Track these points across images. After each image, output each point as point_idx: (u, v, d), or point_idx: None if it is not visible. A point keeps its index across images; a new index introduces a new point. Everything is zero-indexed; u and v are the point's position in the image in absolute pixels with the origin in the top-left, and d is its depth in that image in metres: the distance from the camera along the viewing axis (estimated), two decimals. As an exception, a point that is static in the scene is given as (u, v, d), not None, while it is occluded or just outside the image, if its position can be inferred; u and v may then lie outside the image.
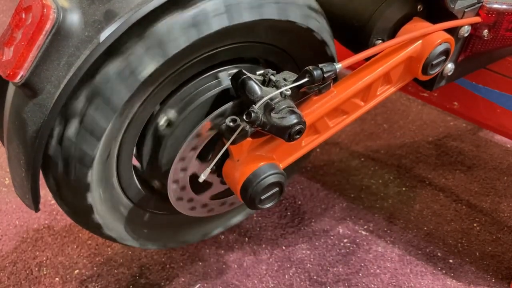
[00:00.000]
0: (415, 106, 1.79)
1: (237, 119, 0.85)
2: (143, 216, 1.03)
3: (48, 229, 1.33)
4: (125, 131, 0.89)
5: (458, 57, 1.07)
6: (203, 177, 0.90)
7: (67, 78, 0.75)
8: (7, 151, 0.85)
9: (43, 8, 0.74)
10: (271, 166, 0.92)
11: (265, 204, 0.94)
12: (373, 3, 0.99)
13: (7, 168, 0.90)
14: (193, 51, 0.84)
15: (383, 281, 1.23)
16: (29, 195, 0.83)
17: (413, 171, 1.53)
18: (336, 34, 1.03)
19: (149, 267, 1.25)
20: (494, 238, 1.35)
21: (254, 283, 1.22)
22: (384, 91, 1.02)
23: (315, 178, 1.50)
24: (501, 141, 1.64)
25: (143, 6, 0.74)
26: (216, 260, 1.27)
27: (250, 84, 0.85)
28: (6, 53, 0.76)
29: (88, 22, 0.76)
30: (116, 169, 0.94)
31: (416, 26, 0.99)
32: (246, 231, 1.34)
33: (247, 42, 0.91)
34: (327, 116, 0.97)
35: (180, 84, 0.90)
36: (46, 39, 0.75)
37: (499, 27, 1.03)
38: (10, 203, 1.40)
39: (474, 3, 0.99)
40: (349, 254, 1.29)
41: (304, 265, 1.26)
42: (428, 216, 1.40)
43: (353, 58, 0.92)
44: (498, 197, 1.46)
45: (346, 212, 1.40)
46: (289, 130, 0.86)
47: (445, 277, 1.25)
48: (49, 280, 1.22)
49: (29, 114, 0.77)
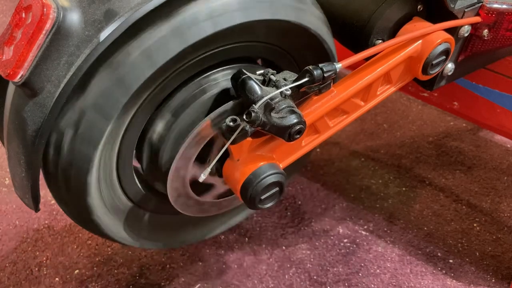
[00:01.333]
0: (415, 106, 1.79)
1: (237, 119, 0.85)
2: (143, 216, 1.03)
3: (48, 229, 1.33)
4: (124, 132, 0.88)
5: (458, 57, 1.07)
6: (203, 177, 0.90)
7: (67, 77, 0.75)
8: (7, 151, 0.85)
9: (43, 8, 0.74)
10: (271, 166, 0.92)
11: (265, 204, 0.94)
12: (373, 3, 0.99)
13: (7, 168, 0.90)
14: (190, 52, 0.84)
15: (383, 281, 1.23)
16: (29, 195, 0.83)
17: (413, 171, 1.53)
18: (336, 34, 1.03)
19: (149, 267, 1.25)
20: (494, 238, 1.35)
21: (254, 283, 1.22)
22: (384, 91, 1.02)
23: (315, 178, 1.50)
24: (501, 141, 1.64)
25: (143, 5, 0.74)
26: (216, 260, 1.27)
27: (250, 84, 0.85)
28: (6, 53, 0.76)
29: (88, 21, 0.76)
30: (116, 169, 0.94)
31: (416, 26, 0.99)
32: (246, 231, 1.34)
33: (248, 42, 0.91)
34: (327, 116, 0.97)
35: (179, 85, 0.90)
36: (46, 39, 0.75)
37: (499, 27, 1.03)
38: (10, 203, 1.40)
39: (474, 3, 0.99)
40: (349, 254, 1.29)
41: (304, 265, 1.26)
42: (428, 216, 1.40)
43: (353, 58, 0.92)
44: (498, 197, 1.46)
45: (346, 212, 1.40)
46: (289, 130, 0.86)
47: (445, 277, 1.25)
48: (49, 280, 1.21)
49: (29, 113, 0.77)
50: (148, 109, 0.89)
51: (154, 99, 0.88)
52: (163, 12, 0.78)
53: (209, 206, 1.04)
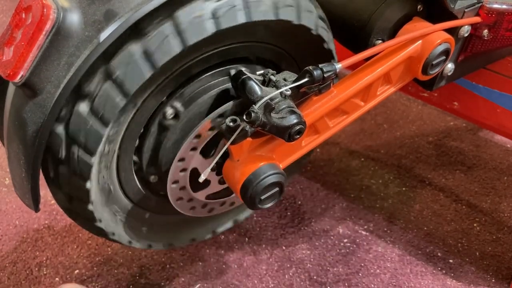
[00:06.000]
0: (415, 106, 1.79)
1: (237, 119, 0.85)
2: (143, 215, 1.03)
3: (48, 229, 1.33)
4: (128, 125, 0.88)
5: (458, 57, 1.07)
6: (203, 177, 0.90)
7: (67, 78, 0.75)
8: (7, 151, 0.85)
9: (43, 8, 0.74)
10: (271, 166, 0.92)
11: (265, 204, 0.94)
12: (373, 3, 0.99)
13: (7, 168, 0.90)
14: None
15: (383, 281, 1.23)
16: (29, 195, 0.83)
17: (413, 171, 1.53)
18: (336, 34, 1.03)
19: (149, 267, 1.25)
20: (494, 238, 1.35)
21: (254, 283, 1.22)
22: (384, 91, 1.02)
23: (315, 178, 1.50)
24: (501, 141, 1.64)
25: (144, 5, 0.74)
26: (216, 260, 1.27)
27: (250, 84, 0.85)
28: (6, 53, 0.76)
29: (88, 22, 0.76)
30: (116, 169, 0.94)
31: (416, 26, 0.99)
32: (246, 231, 1.34)
33: (248, 42, 0.92)
34: (327, 116, 0.97)
35: (187, 79, 0.90)
36: (46, 39, 0.75)
37: (499, 27, 1.03)
38: (10, 203, 1.40)
39: (474, 3, 0.99)
40: (349, 254, 1.29)
41: (304, 265, 1.26)
42: (428, 216, 1.40)
43: (353, 58, 0.92)
44: (498, 197, 1.46)
45: (346, 212, 1.40)
46: (289, 130, 0.86)
47: (445, 277, 1.25)
48: (49, 280, 1.22)
49: (29, 114, 0.77)
50: (149, 108, 0.89)
51: (163, 90, 0.87)
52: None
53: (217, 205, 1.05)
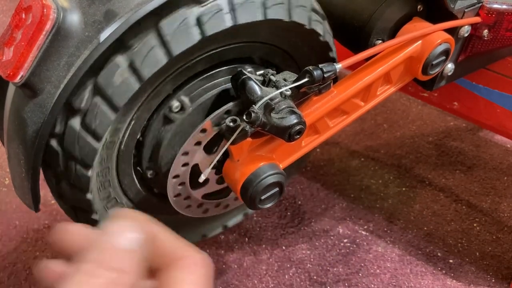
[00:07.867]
0: (415, 106, 1.79)
1: (237, 119, 0.85)
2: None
3: (48, 229, 1.33)
4: (128, 125, 0.88)
5: (458, 57, 1.07)
6: (203, 177, 0.90)
7: (67, 78, 0.75)
8: (7, 151, 0.85)
9: (43, 8, 0.74)
10: (271, 166, 0.92)
11: (265, 204, 0.94)
12: (373, 3, 0.99)
13: (7, 168, 0.90)
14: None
15: (383, 281, 1.23)
16: (29, 195, 0.83)
17: (413, 171, 1.53)
18: (336, 34, 1.03)
19: (149, 267, 1.25)
20: (494, 238, 1.35)
21: (254, 283, 1.22)
22: (384, 91, 1.02)
23: (315, 178, 1.50)
24: (501, 141, 1.64)
25: (144, 6, 0.74)
26: (216, 260, 1.27)
27: (250, 84, 0.85)
28: (6, 53, 0.76)
29: (88, 22, 0.76)
30: (116, 168, 0.94)
31: (416, 26, 0.99)
32: (246, 231, 1.34)
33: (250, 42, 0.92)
34: (327, 116, 0.97)
35: (192, 75, 0.90)
36: (46, 39, 0.75)
37: (499, 27, 1.03)
38: (10, 203, 1.40)
39: (474, 3, 0.99)
40: (349, 254, 1.29)
41: (304, 265, 1.26)
42: (428, 216, 1.40)
43: (353, 58, 0.92)
44: (498, 197, 1.46)
45: (346, 212, 1.40)
46: (289, 130, 0.86)
47: (445, 277, 1.25)
48: (49, 280, 1.21)
49: (29, 114, 0.77)
50: (148, 109, 0.89)
51: (168, 85, 0.87)
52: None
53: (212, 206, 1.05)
